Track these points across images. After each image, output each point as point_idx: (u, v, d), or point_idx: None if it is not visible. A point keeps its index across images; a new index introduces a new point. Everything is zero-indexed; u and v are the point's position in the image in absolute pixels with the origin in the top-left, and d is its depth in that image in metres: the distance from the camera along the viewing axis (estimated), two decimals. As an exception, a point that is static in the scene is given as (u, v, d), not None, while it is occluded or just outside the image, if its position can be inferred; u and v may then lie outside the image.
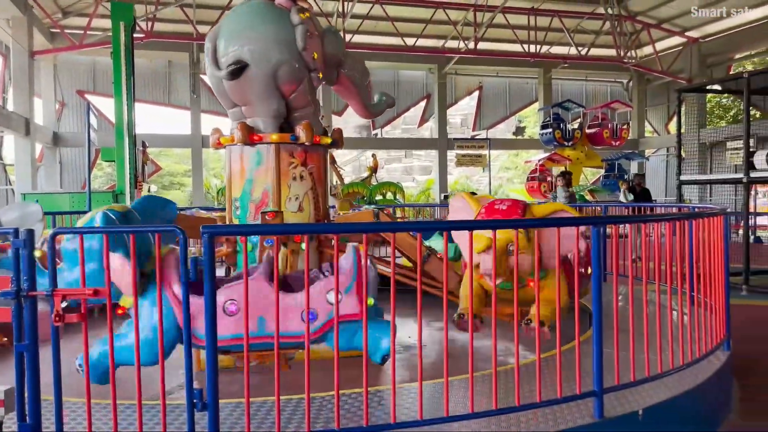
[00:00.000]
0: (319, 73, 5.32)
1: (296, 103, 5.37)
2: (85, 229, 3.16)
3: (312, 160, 5.33)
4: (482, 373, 3.79)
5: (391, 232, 4.56)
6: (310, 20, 5.34)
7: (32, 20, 17.73)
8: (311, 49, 5.17)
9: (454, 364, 3.11)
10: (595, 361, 3.13)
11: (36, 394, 2.55)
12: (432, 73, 24.79)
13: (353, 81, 5.69)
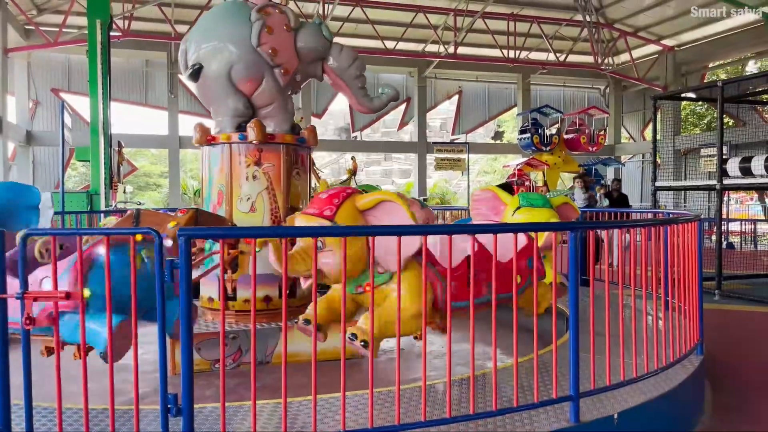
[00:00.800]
0: (283, 69, 5.25)
1: (260, 101, 5.38)
2: (57, 231, 3.09)
3: (268, 158, 5.30)
4: (460, 377, 3.80)
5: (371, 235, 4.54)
6: (279, 16, 5.31)
7: (6, 17, 17.41)
8: (268, 45, 5.13)
9: (430, 368, 3.11)
10: (571, 365, 3.16)
11: (6, 399, 2.49)
12: (412, 76, 24.85)
13: (339, 74, 5.55)
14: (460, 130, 26.82)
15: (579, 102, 27.40)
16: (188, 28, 19.17)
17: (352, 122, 25.64)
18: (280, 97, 5.40)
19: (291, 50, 5.29)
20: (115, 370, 2.59)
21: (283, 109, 5.47)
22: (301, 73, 5.48)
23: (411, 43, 22.42)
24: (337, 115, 37.37)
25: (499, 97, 26.86)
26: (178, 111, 22.04)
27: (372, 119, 25.72)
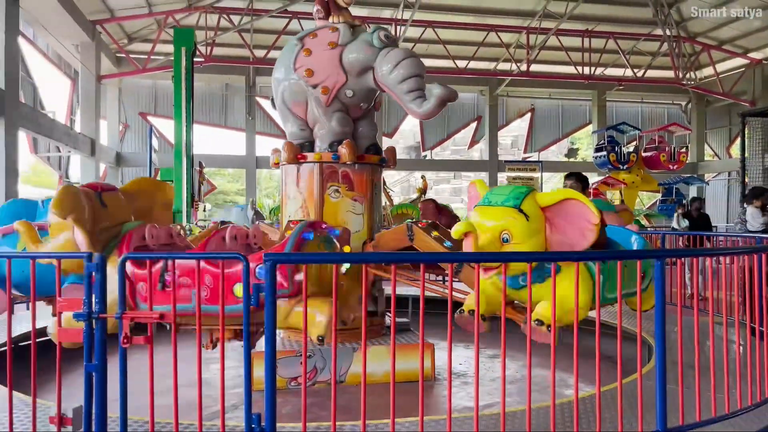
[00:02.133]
0: (322, 88, 5.29)
1: (310, 122, 5.57)
2: (156, 255, 3.26)
3: (303, 177, 5.56)
4: (539, 405, 3.71)
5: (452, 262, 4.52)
6: (328, 35, 5.42)
7: (100, 46, 18.62)
8: (303, 67, 5.27)
9: (508, 394, 3.06)
10: (658, 397, 3.02)
11: (103, 413, 2.64)
12: (483, 95, 24.76)
13: (383, 79, 5.19)
14: (532, 148, 26.43)
15: (658, 118, 26.44)
16: (265, 53, 19.93)
17: (422, 141, 25.76)
18: (323, 116, 5.46)
19: (333, 67, 5.31)
20: (205, 385, 2.69)
21: (324, 127, 5.52)
22: (353, 89, 5.35)
23: (482, 61, 22.36)
24: (408, 134, 37.67)
25: (573, 114, 26.32)
26: (255, 132, 22.83)
27: (442, 138, 25.76)
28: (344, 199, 5.48)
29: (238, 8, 19.15)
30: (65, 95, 20.13)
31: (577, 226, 3.66)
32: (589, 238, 3.62)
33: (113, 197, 4.29)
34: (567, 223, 3.70)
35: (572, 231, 3.67)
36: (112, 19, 18.20)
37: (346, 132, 5.48)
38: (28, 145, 17.93)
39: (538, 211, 3.68)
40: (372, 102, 5.60)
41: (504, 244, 3.61)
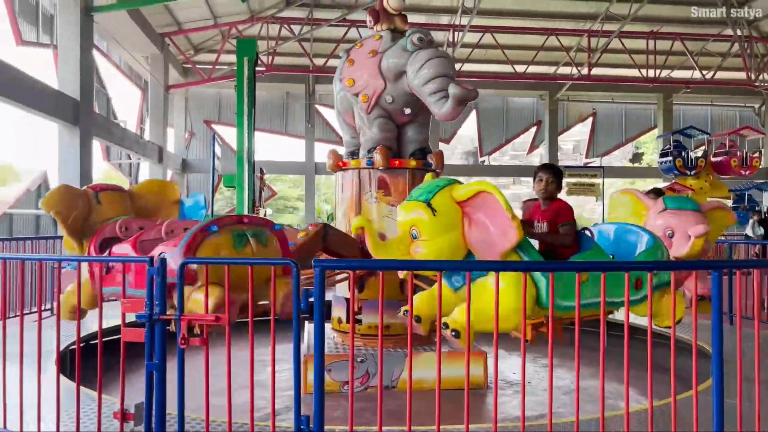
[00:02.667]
0: (361, 96, 5.48)
1: (358, 130, 5.81)
2: (210, 260, 3.41)
3: (347, 182, 5.77)
4: (589, 417, 3.65)
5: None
6: (371, 44, 5.63)
7: (168, 57, 19.42)
8: (346, 77, 5.58)
9: (558, 404, 3.03)
10: (715, 413, 2.93)
11: (162, 409, 2.78)
12: (543, 99, 24.37)
13: (410, 82, 5.24)
14: (594, 153, 25.81)
15: (728, 122, 25.32)
16: (324, 61, 20.29)
17: (480, 146, 25.58)
18: (365, 123, 5.63)
19: (372, 75, 5.44)
20: (258, 387, 2.80)
21: (366, 133, 5.67)
22: (392, 94, 5.41)
23: (542, 65, 22.01)
24: (465, 139, 37.42)
25: (637, 118, 25.55)
26: (315, 139, 23.26)
27: (501, 143, 25.49)
28: (380, 205, 5.56)
29: (298, 18, 19.58)
30: (136, 105, 21.10)
31: (499, 223, 3.40)
32: (512, 237, 3.33)
33: (110, 195, 5.05)
34: (488, 219, 3.44)
35: (494, 228, 3.42)
36: (180, 31, 18.94)
37: (387, 138, 5.53)
38: (101, 152, 18.88)
39: (451, 205, 3.47)
40: (417, 107, 5.53)
41: (413, 240, 3.46)
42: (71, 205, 4.82)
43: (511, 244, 3.35)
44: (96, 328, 3.04)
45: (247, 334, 2.74)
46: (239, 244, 3.77)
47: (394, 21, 5.72)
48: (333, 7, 18.90)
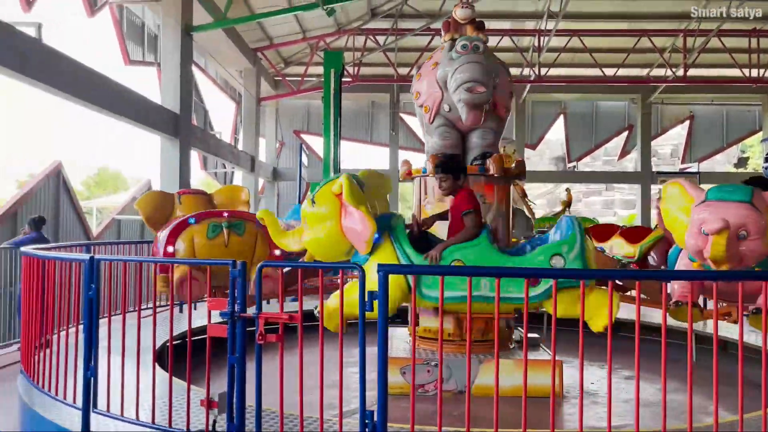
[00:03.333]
0: (424, 107, 5.78)
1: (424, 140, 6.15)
2: (288, 263, 3.67)
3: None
4: (675, 427, 3.59)
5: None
6: (437, 55, 5.81)
7: (260, 71, 20.37)
8: (413, 91, 5.94)
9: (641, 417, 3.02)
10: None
11: (242, 399, 3.04)
12: (635, 103, 23.48)
13: (449, 94, 5.47)
14: (691, 157, 24.53)
15: None
16: (408, 70, 20.57)
17: (567, 151, 24.97)
18: (428, 133, 5.87)
19: (431, 86, 5.65)
20: (329, 386, 3.01)
21: (428, 142, 5.92)
22: (448, 103, 5.57)
23: (633, 68, 21.24)
24: (554, 144, 36.51)
25: (739, 120, 24.06)
26: (399, 147, 23.58)
27: (589, 148, 24.78)
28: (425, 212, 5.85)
29: (383, 29, 19.98)
30: (230, 117, 22.26)
31: (356, 217, 3.77)
32: (360, 225, 3.68)
33: (190, 198, 6.15)
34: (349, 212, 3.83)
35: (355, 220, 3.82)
36: (271, 45, 19.82)
37: (446, 146, 5.68)
38: (199, 162, 20.07)
39: (330, 198, 3.85)
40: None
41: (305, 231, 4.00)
42: (156, 207, 5.97)
43: (367, 231, 3.75)
44: (179, 329, 3.37)
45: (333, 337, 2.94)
46: (212, 233, 4.62)
47: (464, 30, 5.82)
48: (417, 17, 19.15)
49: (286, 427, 3.17)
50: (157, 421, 3.39)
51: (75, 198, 12.30)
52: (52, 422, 3.74)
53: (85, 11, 12.47)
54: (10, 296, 8.64)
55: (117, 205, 17.15)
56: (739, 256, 3.73)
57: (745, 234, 3.70)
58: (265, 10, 15.84)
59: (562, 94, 23.61)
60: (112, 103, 10.80)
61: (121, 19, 14.23)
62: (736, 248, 3.71)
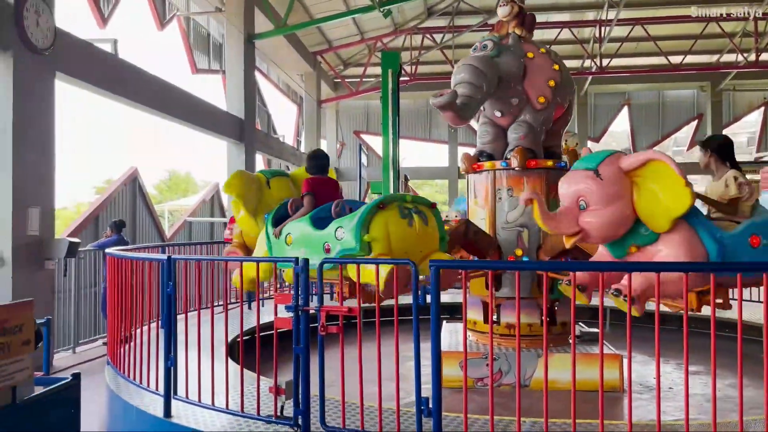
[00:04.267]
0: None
1: None
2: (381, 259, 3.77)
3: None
4: (728, 420, 3.58)
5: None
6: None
7: (320, 74, 20.85)
8: None
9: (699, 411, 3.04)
10: None
11: (306, 386, 3.27)
12: (704, 91, 22.61)
13: None
14: (766, 145, 23.40)
15: None
16: (466, 66, 20.51)
17: (633, 143, 24.28)
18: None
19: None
20: (387, 378, 3.20)
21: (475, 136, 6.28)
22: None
23: (701, 55, 20.46)
24: (620, 136, 35.52)
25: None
26: (457, 144, 23.58)
27: (656, 139, 24.01)
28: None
29: (440, 27, 20.05)
30: (292, 120, 22.85)
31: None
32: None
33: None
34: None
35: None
36: (330, 49, 20.25)
37: (484, 143, 5.99)
38: (263, 164, 20.73)
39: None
40: (507, 108, 5.76)
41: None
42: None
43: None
44: (256, 323, 3.64)
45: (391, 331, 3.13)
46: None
47: (507, 27, 5.92)
48: (474, 13, 19.11)
49: (348, 414, 3.39)
50: (230, 406, 3.67)
51: (150, 202, 13.02)
52: (137, 408, 4.10)
53: (156, 25, 13.17)
54: (94, 295, 9.30)
55: (187, 207, 17.97)
56: (578, 226, 3.58)
57: (584, 204, 3.56)
58: (323, 14, 16.22)
59: (625, 85, 23.02)
60: (183, 112, 11.39)
61: (188, 31, 14.91)
62: (575, 219, 3.58)
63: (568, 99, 5.98)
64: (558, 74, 5.75)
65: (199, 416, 3.81)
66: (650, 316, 3.15)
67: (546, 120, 5.80)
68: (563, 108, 5.97)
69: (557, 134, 6.21)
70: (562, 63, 5.95)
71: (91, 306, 9.33)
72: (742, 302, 2.85)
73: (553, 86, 5.66)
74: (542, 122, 5.76)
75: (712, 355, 2.77)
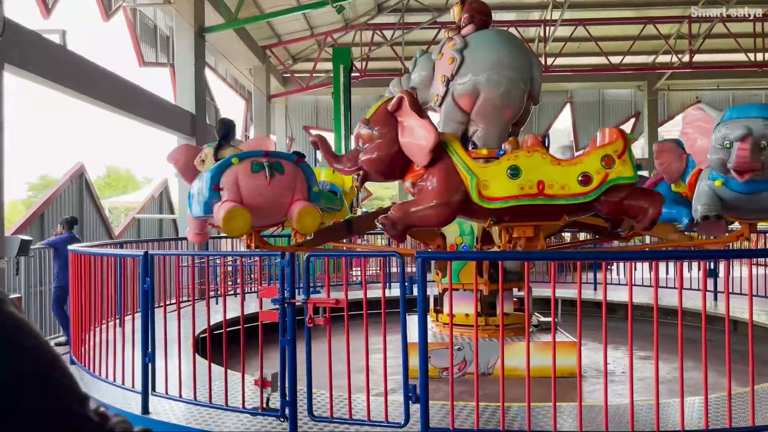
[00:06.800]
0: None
1: None
2: (332, 252, 3.95)
3: None
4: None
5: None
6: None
7: (269, 68, 20.63)
8: None
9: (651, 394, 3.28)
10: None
11: (294, 377, 3.34)
12: (641, 90, 23.62)
13: None
14: (698, 143, 24.64)
15: None
16: (416, 63, 20.75)
17: (575, 140, 25.12)
18: None
19: None
20: (371, 368, 3.30)
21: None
22: None
23: (639, 55, 21.37)
24: (560, 133, 36.62)
25: (745, 104, 24.18)
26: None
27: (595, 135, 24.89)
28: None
29: (390, 23, 20.18)
30: (241, 114, 22.53)
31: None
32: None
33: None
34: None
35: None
36: (280, 43, 20.07)
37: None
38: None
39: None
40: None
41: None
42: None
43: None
44: (221, 318, 3.68)
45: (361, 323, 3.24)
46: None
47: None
48: (423, 10, 19.32)
49: (335, 403, 3.47)
50: (213, 400, 3.69)
51: (97, 199, 12.65)
52: (113, 406, 4.05)
53: (101, 15, 12.76)
54: (41, 294, 8.99)
55: (129, 204, 17.53)
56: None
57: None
58: (274, 9, 16.08)
59: (568, 84, 23.78)
60: (134, 106, 11.11)
61: (134, 22, 14.51)
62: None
63: None
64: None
65: (178, 412, 3.81)
66: (601, 305, 3.39)
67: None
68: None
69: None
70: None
71: (38, 306, 9.02)
72: (682, 290, 3.13)
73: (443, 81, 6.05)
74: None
75: (654, 341, 3.01)
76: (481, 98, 5.75)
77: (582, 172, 4.01)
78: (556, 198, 4.01)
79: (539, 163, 4.08)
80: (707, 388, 3.13)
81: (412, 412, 3.16)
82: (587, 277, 9.59)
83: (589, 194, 3.99)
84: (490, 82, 5.65)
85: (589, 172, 4.01)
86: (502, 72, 5.62)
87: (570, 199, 4.02)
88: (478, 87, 5.76)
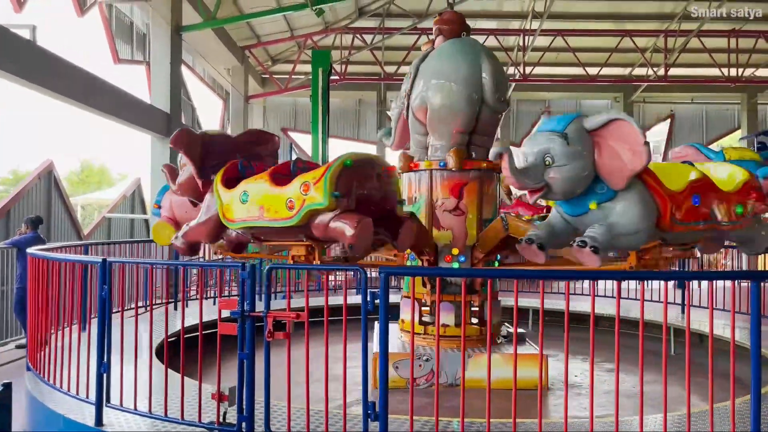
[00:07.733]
0: None
1: None
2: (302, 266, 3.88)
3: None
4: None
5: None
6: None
7: (248, 69, 20.46)
8: None
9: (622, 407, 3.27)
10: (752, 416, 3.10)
11: (251, 392, 3.26)
12: (617, 101, 23.90)
13: None
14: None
15: (820, 121, 23.97)
16: (395, 69, 20.76)
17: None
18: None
19: None
20: (332, 379, 3.23)
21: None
22: None
23: (616, 67, 21.63)
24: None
25: (718, 119, 24.61)
26: (384, 145, 23.76)
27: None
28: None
29: (370, 28, 20.15)
30: (218, 114, 22.32)
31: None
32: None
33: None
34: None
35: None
36: (259, 44, 19.91)
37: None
38: (187, 160, 20.09)
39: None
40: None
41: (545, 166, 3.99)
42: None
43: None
44: (179, 326, 3.58)
45: (323, 333, 3.18)
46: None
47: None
48: (404, 16, 19.32)
49: (292, 418, 3.40)
50: (169, 413, 3.59)
51: (66, 197, 12.39)
52: (65, 416, 3.93)
53: (75, 11, 12.52)
54: (3, 295, 8.76)
55: (102, 201, 17.20)
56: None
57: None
58: (254, 10, 15.95)
59: (546, 93, 23.98)
60: (106, 104, 10.91)
61: (110, 19, 14.28)
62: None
63: None
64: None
65: (133, 424, 3.70)
66: (572, 316, 3.37)
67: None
68: None
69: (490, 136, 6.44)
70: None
71: (0, 307, 8.79)
72: (644, 302, 3.15)
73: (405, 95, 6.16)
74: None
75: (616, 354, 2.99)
76: (429, 110, 5.78)
77: (288, 198, 4.27)
78: (274, 221, 4.33)
79: (262, 188, 4.44)
80: (666, 405, 3.12)
81: (371, 430, 3.10)
82: (559, 287, 9.62)
83: (292, 218, 4.25)
84: (434, 93, 5.69)
85: (292, 198, 4.26)
86: (445, 83, 5.64)
87: (281, 222, 4.30)
88: (425, 99, 5.78)
